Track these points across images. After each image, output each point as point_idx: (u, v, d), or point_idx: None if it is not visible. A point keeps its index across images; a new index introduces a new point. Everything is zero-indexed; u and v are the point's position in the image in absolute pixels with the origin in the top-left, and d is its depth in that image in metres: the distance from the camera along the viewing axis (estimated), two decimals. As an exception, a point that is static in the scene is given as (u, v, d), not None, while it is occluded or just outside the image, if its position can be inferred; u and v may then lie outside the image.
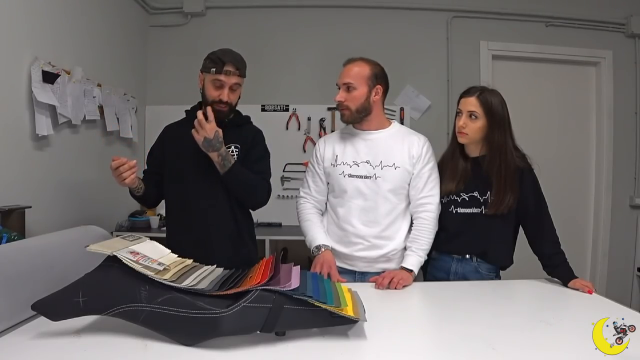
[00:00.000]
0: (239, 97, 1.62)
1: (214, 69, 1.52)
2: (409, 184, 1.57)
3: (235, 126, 1.64)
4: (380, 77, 1.56)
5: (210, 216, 1.59)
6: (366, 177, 1.55)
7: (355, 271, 1.59)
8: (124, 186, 1.51)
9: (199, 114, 1.47)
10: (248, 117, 1.71)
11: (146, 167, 1.74)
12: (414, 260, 1.50)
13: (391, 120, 1.65)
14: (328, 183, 1.65)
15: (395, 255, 1.56)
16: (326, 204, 1.68)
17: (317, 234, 1.59)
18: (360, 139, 1.60)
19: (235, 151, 1.60)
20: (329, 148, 1.64)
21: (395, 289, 1.40)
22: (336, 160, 1.60)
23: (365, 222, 1.55)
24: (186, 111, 1.69)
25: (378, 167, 1.55)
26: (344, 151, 1.60)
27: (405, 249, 1.56)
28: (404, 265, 1.49)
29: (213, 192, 1.58)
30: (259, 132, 1.72)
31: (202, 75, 1.59)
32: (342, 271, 1.57)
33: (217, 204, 1.59)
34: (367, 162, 1.56)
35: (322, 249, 1.55)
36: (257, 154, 1.66)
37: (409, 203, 1.59)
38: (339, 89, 1.56)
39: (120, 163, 1.44)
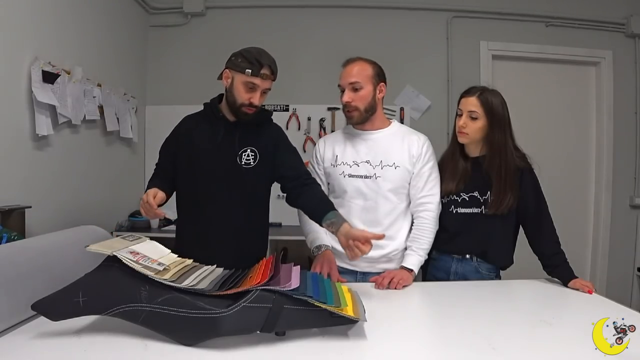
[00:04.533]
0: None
1: (250, 71, 1.41)
2: (409, 183, 1.57)
3: (255, 125, 1.54)
4: (381, 76, 1.57)
5: (226, 217, 1.52)
6: (366, 177, 1.55)
7: (357, 271, 1.59)
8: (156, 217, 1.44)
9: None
10: (269, 114, 1.59)
11: (158, 159, 1.65)
12: (414, 260, 1.50)
13: (390, 120, 1.65)
14: (328, 183, 1.65)
15: (396, 256, 1.56)
16: None
17: (318, 233, 1.59)
18: (361, 139, 1.60)
19: (252, 155, 1.52)
20: (329, 148, 1.64)
21: (395, 289, 1.40)
22: (336, 161, 1.60)
23: (366, 222, 1.54)
24: (205, 104, 1.60)
25: (378, 167, 1.55)
26: (344, 151, 1.60)
27: (406, 249, 1.56)
28: (404, 264, 1.49)
29: (228, 186, 1.52)
30: (278, 131, 1.61)
31: (230, 73, 1.46)
32: (344, 271, 1.57)
33: (231, 198, 1.53)
34: (367, 162, 1.56)
35: (323, 249, 1.55)
36: (288, 151, 1.58)
37: (410, 202, 1.59)
38: (342, 91, 1.55)
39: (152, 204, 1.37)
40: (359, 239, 1.26)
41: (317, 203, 1.45)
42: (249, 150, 1.53)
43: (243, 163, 1.52)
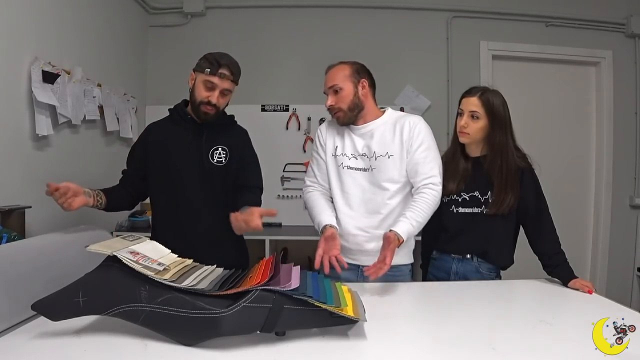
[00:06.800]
0: (227, 104, 1.61)
1: (209, 70, 1.50)
2: (406, 170, 1.54)
3: (222, 126, 1.63)
4: (362, 72, 1.57)
5: (201, 216, 1.57)
6: (364, 169, 1.56)
7: (359, 265, 1.55)
8: (70, 210, 1.44)
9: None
10: (232, 117, 1.70)
11: (126, 167, 1.71)
12: (405, 227, 1.39)
13: (384, 109, 1.63)
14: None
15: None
16: None
17: (320, 215, 1.54)
18: (356, 133, 1.60)
19: (223, 154, 1.59)
20: (330, 137, 1.64)
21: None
22: (336, 151, 1.61)
23: (364, 214, 1.54)
24: (170, 110, 1.68)
25: (373, 158, 1.55)
26: (343, 143, 1.61)
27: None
28: (394, 229, 1.38)
29: (201, 186, 1.57)
30: (245, 134, 1.71)
31: (194, 75, 1.56)
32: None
33: (207, 205, 1.58)
34: (364, 154, 1.57)
35: (325, 227, 1.48)
36: (249, 160, 1.67)
37: (409, 189, 1.56)
38: (327, 95, 1.59)
39: (66, 189, 1.40)
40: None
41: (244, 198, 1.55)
42: (219, 148, 1.59)
43: (215, 161, 1.58)
